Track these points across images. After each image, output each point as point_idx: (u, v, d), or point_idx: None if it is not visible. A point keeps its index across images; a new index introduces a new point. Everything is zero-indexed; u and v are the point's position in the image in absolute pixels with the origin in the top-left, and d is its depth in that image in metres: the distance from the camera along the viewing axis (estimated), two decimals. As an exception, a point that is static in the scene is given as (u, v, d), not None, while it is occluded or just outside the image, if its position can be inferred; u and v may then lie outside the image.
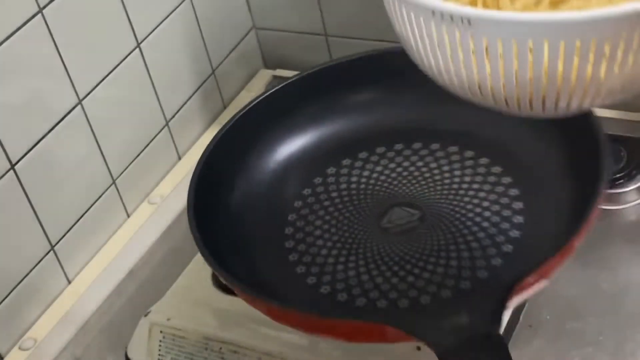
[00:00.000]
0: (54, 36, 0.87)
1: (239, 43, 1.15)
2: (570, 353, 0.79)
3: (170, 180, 1.05)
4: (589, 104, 0.53)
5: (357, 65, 0.81)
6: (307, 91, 0.81)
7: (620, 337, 0.79)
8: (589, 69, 0.50)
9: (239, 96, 1.16)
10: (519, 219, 0.72)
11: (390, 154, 0.79)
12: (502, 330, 0.58)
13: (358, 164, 0.80)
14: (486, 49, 0.50)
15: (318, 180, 0.80)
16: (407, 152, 0.79)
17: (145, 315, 0.86)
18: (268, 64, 1.20)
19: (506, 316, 0.60)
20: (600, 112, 0.98)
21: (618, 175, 0.91)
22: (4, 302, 0.87)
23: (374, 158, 0.79)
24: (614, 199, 0.91)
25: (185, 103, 1.07)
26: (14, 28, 0.83)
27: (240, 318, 0.82)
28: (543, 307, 0.83)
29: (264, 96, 0.81)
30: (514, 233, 0.71)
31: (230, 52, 1.14)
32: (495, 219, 0.72)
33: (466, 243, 0.71)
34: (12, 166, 0.85)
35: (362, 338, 0.65)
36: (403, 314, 0.67)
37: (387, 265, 0.72)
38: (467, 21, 0.49)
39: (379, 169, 0.79)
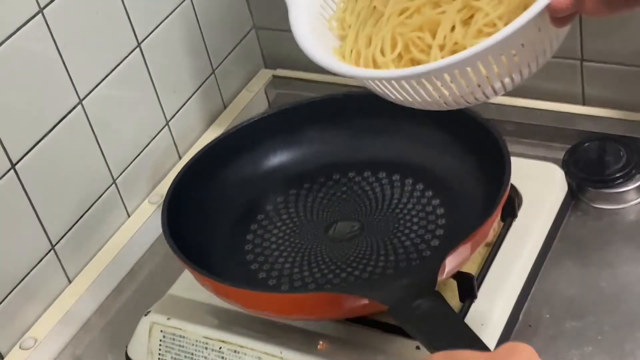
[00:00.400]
0: (54, 36, 0.87)
1: (239, 43, 1.15)
2: (569, 352, 0.79)
3: (171, 180, 1.04)
4: (528, 72, 0.66)
5: (305, 108, 0.96)
6: (267, 129, 0.95)
7: (620, 337, 0.79)
8: (516, 58, 0.64)
9: (239, 96, 1.16)
10: (442, 221, 0.87)
11: (330, 183, 0.94)
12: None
13: (303, 192, 0.93)
14: (436, 78, 0.65)
15: (269, 207, 0.93)
16: (344, 180, 0.94)
17: (146, 315, 0.86)
18: (268, 64, 1.20)
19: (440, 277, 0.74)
20: (600, 112, 0.99)
21: (618, 175, 0.91)
22: (4, 302, 0.87)
23: (316, 187, 0.93)
24: (613, 198, 0.91)
25: (185, 103, 1.07)
26: (15, 28, 0.83)
27: (240, 318, 0.82)
28: (543, 306, 0.83)
29: (228, 133, 0.95)
30: (439, 231, 0.86)
31: (230, 52, 1.14)
32: (423, 222, 0.87)
33: (401, 243, 0.85)
34: (13, 166, 0.85)
35: (322, 311, 0.77)
36: (356, 285, 0.81)
37: (336, 265, 0.85)
38: (418, 75, 0.64)
39: (320, 195, 0.93)
